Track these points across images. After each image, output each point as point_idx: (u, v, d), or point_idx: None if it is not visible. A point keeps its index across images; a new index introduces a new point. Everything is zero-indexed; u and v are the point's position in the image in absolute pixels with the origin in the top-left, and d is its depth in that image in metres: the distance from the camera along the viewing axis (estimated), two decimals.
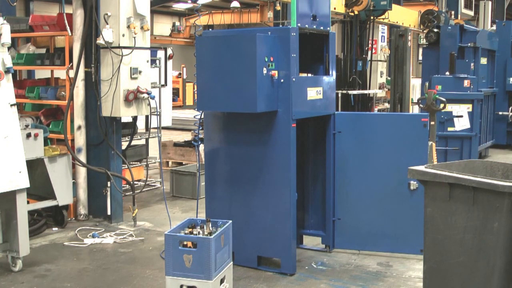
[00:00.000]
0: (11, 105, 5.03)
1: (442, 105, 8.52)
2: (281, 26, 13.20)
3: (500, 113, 12.98)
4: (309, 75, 5.68)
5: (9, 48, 5.28)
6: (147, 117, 8.25)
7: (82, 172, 6.84)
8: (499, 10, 22.42)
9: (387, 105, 14.61)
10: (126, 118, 7.10)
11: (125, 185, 7.37)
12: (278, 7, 12.80)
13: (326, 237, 5.75)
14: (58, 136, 6.94)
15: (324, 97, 5.48)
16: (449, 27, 12.06)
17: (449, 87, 9.98)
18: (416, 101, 11.20)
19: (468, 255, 3.38)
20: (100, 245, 5.98)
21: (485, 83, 12.31)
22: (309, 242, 5.97)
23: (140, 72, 6.60)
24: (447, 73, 10.65)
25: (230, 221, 4.54)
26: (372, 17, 11.61)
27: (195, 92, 5.24)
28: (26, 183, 5.12)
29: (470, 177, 3.31)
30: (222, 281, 4.31)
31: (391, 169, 5.48)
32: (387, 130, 5.53)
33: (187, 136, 13.17)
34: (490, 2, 18.89)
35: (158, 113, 7.93)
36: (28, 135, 5.69)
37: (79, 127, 6.77)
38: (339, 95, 10.97)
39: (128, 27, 6.42)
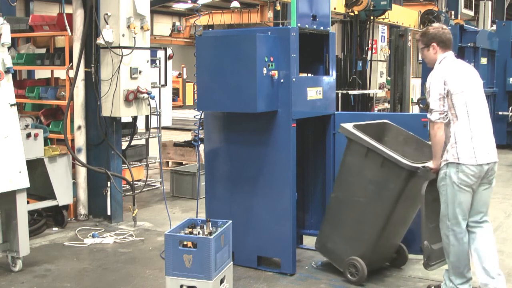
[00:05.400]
0: (11, 105, 5.03)
1: None
2: (281, 26, 13.21)
3: (500, 113, 12.96)
4: (309, 75, 5.68)
5: (9, 48, 5.28)
6: (147, 117, 8.25)
7: (82, 172, 6.84)
8: (499, 10, 22.44)
9: (387, 105, 14.60)
10: (126, 118, 7.10)
11: (125, 185, 7.37)
12: (278, 7, 12.82)
13: None
14: (58, 136, 6.93)
15: (324, 97, 5.47)
16: (449, 27, 12.03)
17: None
18: (416, 101, 11.20)
19: (367, 198, 4.78)
20: (100, 245, 5.98)
21: (485, 83, 12.29)
22: (309, 242, 5.96)
23: (140, 72, 6.60)
24: None
25: (230, 221, 4.54)
26: (372, 17, 11.60)
27: (195, 92, 5.23)
28: (26, 183, 5.12)
29: (383, 149, 4.59)
30: (222, 281, 4.31)
31: None
32: None
33: (187, 136, 13.16)
34: (490, 2, 18.89)
35: (158, 113, 7.94)
36: (28, 135, 5.68)
37: (79, 127, 6.77)
38: (339, 95, 10.96)
39: (128, 27, 6.42)
